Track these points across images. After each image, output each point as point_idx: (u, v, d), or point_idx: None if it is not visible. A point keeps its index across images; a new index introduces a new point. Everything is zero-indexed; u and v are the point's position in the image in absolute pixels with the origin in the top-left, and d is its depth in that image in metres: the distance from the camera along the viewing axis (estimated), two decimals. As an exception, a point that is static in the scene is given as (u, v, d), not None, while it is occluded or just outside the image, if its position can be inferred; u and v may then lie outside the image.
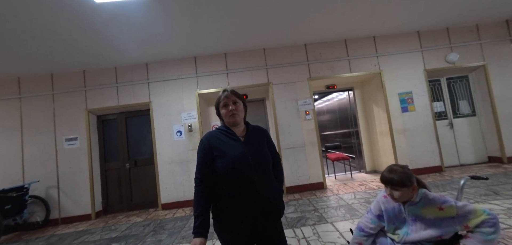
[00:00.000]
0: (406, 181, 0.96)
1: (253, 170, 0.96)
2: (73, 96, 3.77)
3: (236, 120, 1.04)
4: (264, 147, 1.06)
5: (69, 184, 3.61)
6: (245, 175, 0.95)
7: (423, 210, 0.96)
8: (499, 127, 3.82)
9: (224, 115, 1.06)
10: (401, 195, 0.98)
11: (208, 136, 1.04)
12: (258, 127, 1.14)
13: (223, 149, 0.99)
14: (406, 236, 0.97)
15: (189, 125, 3.73)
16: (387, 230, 1.06)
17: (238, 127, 1.07)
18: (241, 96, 1.09)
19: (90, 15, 2.45)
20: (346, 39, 3.96)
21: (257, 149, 1.02)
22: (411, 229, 0.96)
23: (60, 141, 3.67)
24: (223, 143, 1.00)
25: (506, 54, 3.94)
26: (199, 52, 3.78)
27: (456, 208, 0.91)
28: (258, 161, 0.98)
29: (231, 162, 0.96)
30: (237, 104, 1.06)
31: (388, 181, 1.01)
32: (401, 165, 1.03)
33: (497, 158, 3.90)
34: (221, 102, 1.06)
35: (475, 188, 2.79)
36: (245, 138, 1.04)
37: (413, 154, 3.78)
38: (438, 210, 0.93)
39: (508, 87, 3.89)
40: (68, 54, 3.22)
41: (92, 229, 3.13)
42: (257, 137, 1.08)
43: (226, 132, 1.05)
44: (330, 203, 2.96)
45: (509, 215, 2.01)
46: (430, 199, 0.96)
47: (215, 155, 0.98)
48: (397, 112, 3.85)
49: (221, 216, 0.98)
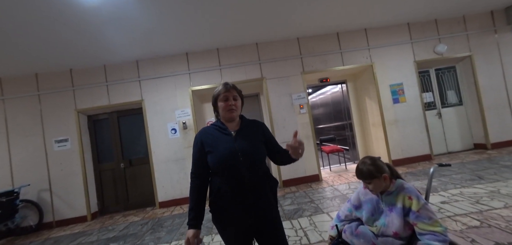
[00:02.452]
0: (375, 172, 0.99)
1: (242, 165, 0.96)
2: (61, 96, 3.65)
3: (234, 116, 1.04)
4: (256, 141, 1.05)
5: (62, 187, 3.53)
6: (234, 170, 0.96)
7: (396, 198, 1.00)
8: (484, 116, 3.99)
9: (222, 108, 1.04)
10: (374, 186, 1.01)
11: (202, 132, 1.06)
12: (253, 121, 1.13)
13: (213, 144, 1.00)
14: (384, 228, 0.99)
15: (184, 123, 3.70)
16: (366, 222, 1.08)
17: (233, 122, 1.07)
18: (241, 92, 1.10)
19: (75, 10, 2.34)
20: (338, 32, 3.99)
21: (248, 143, 1.01)
22: (388, 220, 0.99)
23: (50, 143, 3.56)
24: (214, 138, 1.02)
25: (490, 45, 4.08)
26: (191, 48, 3.71)
27: (421, 207, 0.94)
28: (248, 156, 0.98)
29: (220, 157, 0.97)
30: (237, 101, 1.06)
31: (358, 175, 1.06)
32: (371, 157, 1.06)
33: (482, 145, 4.09)
34: (221, 95, 1.04)
35: (461, 174, 2.93)
36: (237, 133, 1.04)
37: (405, 144, 3.91)
38: (407, 199, 0.97)
39: (493, 76, 4.04)
40: (52, 52, 3.09)
41: (88, 230, 3.10)
42: (250, 131, 1.07)
43: (218, 127, 1.05)
44: (325, 194, 3.04)
45: (492, 197, 2.14)
46: (404, 188, 1.01)
47: (207, 150, 1.00)
48: (388, 103, 3.95)
49: (217, 211, 1.00)
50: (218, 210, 1.00)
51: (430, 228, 0.90)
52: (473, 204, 2.07)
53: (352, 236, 1.09)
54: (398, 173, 1.07)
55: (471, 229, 1.69)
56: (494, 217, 1.80)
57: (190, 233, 0.94)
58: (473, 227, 1.71)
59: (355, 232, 1.08)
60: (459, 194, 2.32)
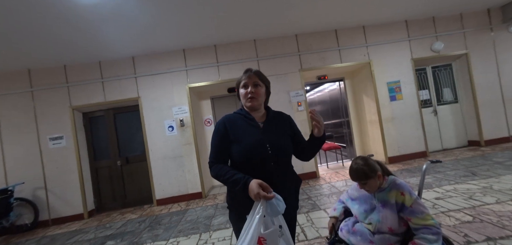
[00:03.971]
0: (369, 172, 0.99)
1: (270, 159, 0.91)
2: (55, 93, 3.58)
3: (253, 105, 0.97)
4: (285, 135, 1.00)
5: (57, 185, 3.49)
6: (262, 163, 0.90)
7: (389, 194, 1.00)
8: (479, 113, 4.05)
9: (242, 96, 0.99)
10: (370, 186, 1.01)
11: (225, 119, 0.97)
12: (280, 113, 1.07)
13: (239, 134, 0.93)
14: (379, 224, 1.00)
15: (181, 120, 3.67)
16: (359, 215, 1.08)
17: (257, 112, 1.00)
18: (265, 79, 1.02)
19: (69, 5, 2.28)
20: (336, 29, 3.97)
21: (277, 136, 0.96)
22: (382, 215, 1.00)
23: (44, 141, 3.51)
24: (240, 128, 0.94)
25: (486, 42, 4.11)
26: (188, 45, 3.66)
27: (414, 201, 0.95)
28: (277, 150, 0.92)
29: (247, 149, 0.90)
30: (257, 87, 0.98)
31: (353, 177, 1.05)
32: (363, 157, 1.05)
33: (476, 142, 4.16)
34: (242, 82, 0.99)
35: (455, 170, 2.99)
36: (264, 124, 0.98)
37: (402, 141, 3.96)
38: (400, 195, 0.98)
39: (488, 74, 4.09)
40: (45, 48, 3.02)
41: (85, 228, 3.08)
42: (278, 124, 1.01)
43: (244, 116, 0.98)
44: (322, 191, 3.07)
45: (484, 193, 2.18)
46: (397, 184, 1.01)
47: (232, 139, 0.93)
48: (385, 101, 3.97)
49: (236, 205, 0.95)
50: (239, 204, 0.91)
51: (423, 222, 0.92)
52: (466, 199, 2.11)
53: (349, 234, 1.09)
54: (388, 169, 1.08)
55: (464, 224, 1.73)
56: (487, 212, 1.84)
57: (254, 183, 0.80)
58: (466, 222, 1.75)
59: (352, 230, 1.08)
60: (453, 190, 2.37)
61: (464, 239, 1.54)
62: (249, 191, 0.80)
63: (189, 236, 2.29)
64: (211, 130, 4.36)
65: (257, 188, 0.78)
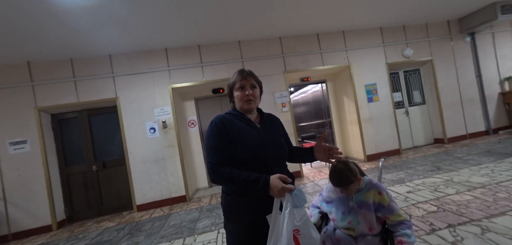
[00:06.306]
0: (351, 177, 0.99)
1: (271, 158, 0.92)
2: (17, 93, 3.22)
3: (252, 107, 0.96)
4: (280, 136, 1.03)
5: (19, 195, 3.13)
6: (264, 164, 0.90)
7: (366, 194, 1.02)
8: (442, 114, 4.51)
9: (238, 98, 0.95)
10: (350, 190, 1.01)
11: (222, 119, 0.93)
12: (272, 115, 1.09)
13: (240, 135, 0.90)
14: (359, 226, 1.00)
15: (163, 122, 3.54)
16: (337, 218, 1.07)
17: (251, 114, 0.99)
18: (259, 80, 1.00)
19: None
20: (318, 33, 4.15)
21: (275, 137, 0.98)
22: (360, 217, 1.01)
23: (3, 146, 3.13)
24: (240, 128, 0.92)
25: (447, 50, 4.61)
26: (171, 44, 3.55)
27: (389, 200, 1.00)
28: (277, 150, 0.95)
29: (251, 148, 0.89)
30: (254, 89, 0.97)
31: (336, 183, 1.03)
32: (344, 162, 1.03)
33: (441, 140, 4.63)
34: (237, 83, 0.95)
35: (423, 166, 3.28)
36: (261, 125, 0.98)
37: (378, 140, 4.24)
38: (378, 194, 1.01)
39: (449, 78, 4.58)
40: (3, 42, 2.70)
41: (54, 240, 2.80)
42: (273, 125, 1.04)
43: (241, 117, 0.96)
44: (306, 189, 3.16)
45: (447, 185, 2.44)
46: (373, 184, 1.03)
47: (232, 139, 0.89)
48: (364, 102, 4.23)
49: (233, 210, 0.90)
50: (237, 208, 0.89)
51: (398, 219, 0.96)
52: (432, 192, 2.34)
53: (332, 244, 1.06)
54: (362, 169, 1.07)
55: (430, 214, 1.91)
56: (448, 202, 2.05)
57: (275, 179, 0.77)
58: (431, 212, 1.94)
59: (335, 239, 1.06)
60: (422, 184, 2.60)
61: (430, 228, 1.71)
62: (271, 188, 0.77)
63: (172, 241, 2.21)
64: (196, 132, 4.26)
65: (280, 182, 0.77)
